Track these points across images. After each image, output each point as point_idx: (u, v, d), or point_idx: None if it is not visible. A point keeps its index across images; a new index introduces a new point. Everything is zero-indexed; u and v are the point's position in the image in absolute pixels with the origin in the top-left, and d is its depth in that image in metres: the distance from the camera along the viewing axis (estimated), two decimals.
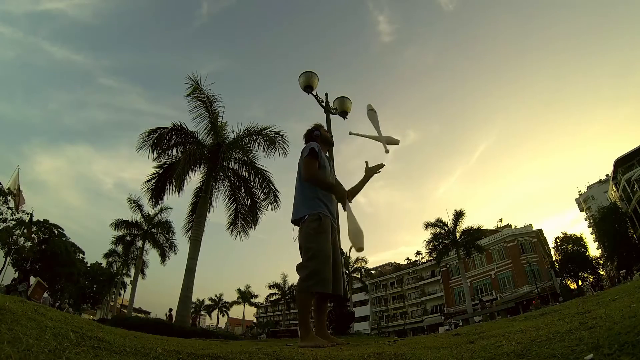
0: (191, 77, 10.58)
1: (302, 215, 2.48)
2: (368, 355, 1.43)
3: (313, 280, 2.25)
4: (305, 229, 2.42)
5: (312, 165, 2.54)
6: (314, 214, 2.45)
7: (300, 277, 2.32)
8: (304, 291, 2.29)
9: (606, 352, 0.78)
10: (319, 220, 2.43)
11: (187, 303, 9.75)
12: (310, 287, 2.26)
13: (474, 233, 25.58)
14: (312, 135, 2.87)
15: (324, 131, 2.95)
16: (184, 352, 1.25)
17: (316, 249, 2.33)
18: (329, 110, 7.26)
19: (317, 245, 2.35)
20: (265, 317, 59.73)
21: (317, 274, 2.26)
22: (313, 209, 2.46)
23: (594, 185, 48.20)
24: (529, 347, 1.06)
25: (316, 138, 2.82)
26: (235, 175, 12.07)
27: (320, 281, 2.25)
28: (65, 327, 1.26)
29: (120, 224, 22.85)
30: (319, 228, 2.40)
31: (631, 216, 30.84)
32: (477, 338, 1.67)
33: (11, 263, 20.91)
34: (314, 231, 2.39)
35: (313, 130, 2.91)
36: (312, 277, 2.26)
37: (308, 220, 2.43)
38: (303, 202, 2.53)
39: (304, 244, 2.40)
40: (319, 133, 2.87)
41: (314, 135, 2.86)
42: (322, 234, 2.40)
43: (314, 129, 2.92)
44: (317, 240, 2.36)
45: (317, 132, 2.87)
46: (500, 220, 44.12)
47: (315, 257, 2.31)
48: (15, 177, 20.33)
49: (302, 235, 2.44)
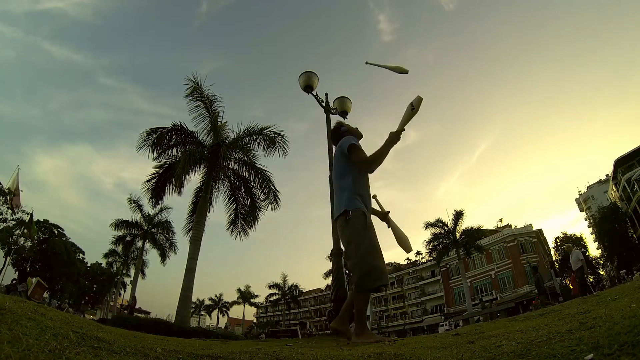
0: (191, 78, 10.61)
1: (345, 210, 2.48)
2: (368, 355, 1.43)
3: (374, 276, 2.28)
4: (353, 224, 2.42)
5: (361, 153, 2.59)
6: (357, 210, 2.46)
7: (361, 274, 2.30)
8: (367, 289, 2.31)
9: (606, 352, 0.78)
10: (364, 216, 2.46)
11: (187, 303, 9.75)
12: (371, 283, 2.28)
13: (474, 233, 25.60)
14: (340, 131, 2.94)
15: (349, 126, 3.01)
16: (184, 352, 1.25)
17: (368, 243, 2.36)
18: (329, 110, 7.25)
19: (369, 239, 2.38)
20: (265, 317, 59.69)
21: (377, 268, 2.30)
22: (356, 205, 2.48)
23: (594, 185, 48.18)
24: (529, 347, 1.06)
25: (344, 133, 2.88)
26: (235, 175, 12.07)
27: (380, 275, 2.30)
28: (65, 327, 1.26)
29: (120, 224, 22.85)
30: (366, 223, 2.44)
31: (631, 216, 30.84)
32: (477, 338, 1.67)
33: (11, 263, 20.91)
34: (362, 226, 2.41)
35: (339, 127, 2.99)
36: (373, 273, 2.28)
37: (354, 215, 2.44)
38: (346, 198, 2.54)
39: (354, 238, 2.40)
40: (346, 128, 2.94)
41: (342, 131, 2.93)
42: (370, 228, 2.45)
43: (339, 126, 3.00)
44: (367, 235, 2.40)
45: (344, 128, 2.95)
46: (500, 220, 44.20)
47: (369, 254, 2.34)
48: (15, 177, 20.34)
49: (350, 230, 2.43)
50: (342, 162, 2.67)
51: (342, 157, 2.67)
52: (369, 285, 2.29)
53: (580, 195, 51.38)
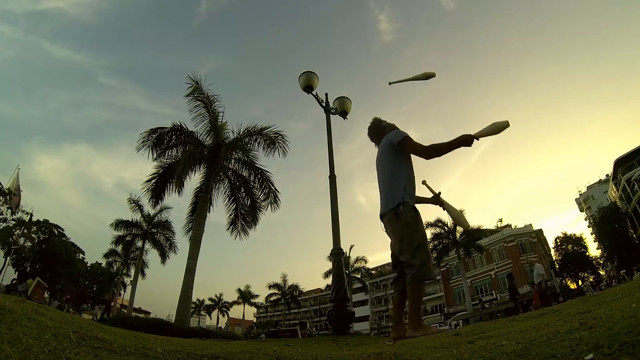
0: (191, 77, 10.59)
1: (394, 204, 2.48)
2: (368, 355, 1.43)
3: (428, 268, 2.30)
4: (404, 218, 2.43)
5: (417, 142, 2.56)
6: (407, 204, 2.46)
7: (420, 265, 2.30)
8: (422, 280, 2.32)
9: (606, 352, 0.78)
10: (415, 210, 2.49)
11: (187, 303, 9.73)
12: (427, 275, 2.30)
13: (473, 233, 25.56)
14: (381, 127, 2.93)
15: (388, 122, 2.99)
16: (184, 352, 1.25)
17: (421, 237, 2.40)
18: (329, 110, 7.25)
19: (422, 234, 2.42)
20: (265, 317, 59.70)
21: (429, 262, 2.34)
22: (405, 199, 2.47)
23: (594, 185, 48.18)
24: (529, 347, 1.06)
25: (386, 128, 2.88)
26: (235, 175, 12.06)
27: (431, 270, 2.33)
28: (65, 327, 1.26)
29: (120, 224, 22.83)
30: (417, 217, 2.47)
31: (631, 216, 30.84)
32: (477, 338, 1.67)
33: (11, 263, 20.90)
34: (414, 220, 2.43)
35: (380, 123, 2.98)
36: (427, 265, 2.31)
37: (404, 210, 2.44)
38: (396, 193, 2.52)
39: (407, 232, 2.40)
40: (386, 124, 2.94)
41: (383, 126, 2.93)
42: (421, 222, 2.48)
43: (379, 122, 2.99)
44: (420, 229, 2.42)
45: (385, 123, 2.94)
46: (500, 220, 44.19)
47: (424, 246, 2.37)
48: (15, 177, 20.33)
49: (402, 224, 2.43)
50: (391, 156, 2.64)
51: (391, 151, 2.63)
52: (428, 275, 2.30)
53: (580, 195, 51.38)
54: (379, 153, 2.79)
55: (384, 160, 2.68)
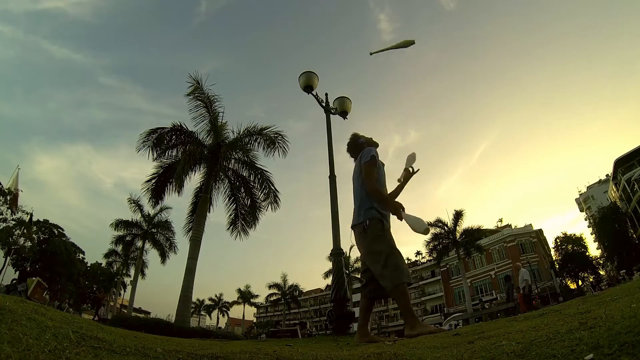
0: (192, 77, 10.59)
1: (362, 221, 2.66)
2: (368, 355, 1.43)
3: (401, 272, 2.43)
4: (371, 232, 2.60)
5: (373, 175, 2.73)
6: (374, 218, 2.63)
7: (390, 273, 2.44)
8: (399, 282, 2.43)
9: (606, 352, 0.78)
10: (381, 223, 2.63)
11: (187, 303, 9.74)
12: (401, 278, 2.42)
13: (474, 233, 25.57)
14: (358, 142, 3.05)
15: (366, 137, 3.12)
16: (184, 352, 1.25)
17: (390, 246, 2.54)
18: (329, 110, 7.25)
19: (389, 243, 2.56)
20: (265, 317, 59.69)
21: (401, 266, 2.46)
22: (373, 214, 2.65)
23: (594, 185, 48.20)
24: (529, 347, 1.06)
25: (363, 145, 2.99)
26: (235, 175, 12.06)
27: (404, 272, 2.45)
28: (65, 327, 1.26)
29: (120, 224, 22.86)
30: (383, 229, 2.62)
31: (631, 216, 30.85)
32: (477, 338, 1.67)
33: (11, 263, 20.89)
34: (381, 231, 2.60)
35: (357, 139, 3.09)
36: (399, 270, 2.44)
37: (371, 224, 2.61)
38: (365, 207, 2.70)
39: (374, 247, 2.56)
40: (364, 140, 3.05)
41: (360, 142, 3.04)
42: (387, 232, 2.63)
43: (357, 138, 3.11)
44: (386, 240, 2.57)
45: (362, 140, 3.05)
46: (500, 220, 44.22)
47: (392, 253, 2.50)
48: (15, 177, 20.32)
49: (370, 238, 2.60)
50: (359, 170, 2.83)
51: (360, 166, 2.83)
52: (402, 277, 2.42)
53: (580, 195, 51.39)
54: (355, 167, 2.96)
55: (357, 175, 2.85)
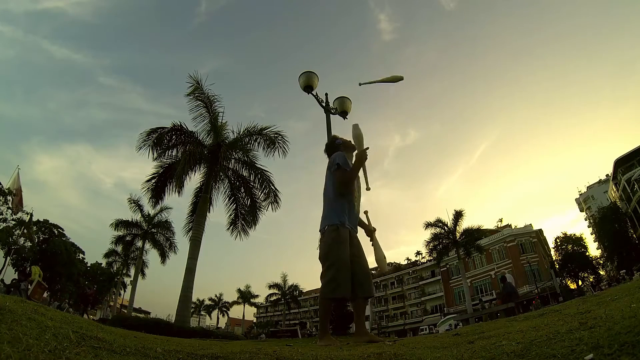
0: (192, 77, 10.60)
1: (323, 226, 2.68)
2: (368, 355, 1.43)
3: (330, 287, 2.43)
4: (326, 238, 2.61)
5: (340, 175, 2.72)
6: (333, 225, 2.62)
7: (323, 284, 2.50)
8: (323, 298, 2.50)
9: (606, 352, 0.78)
10: (337, 231, 2.60)
11: (187, 303, 9.74)
12: (328, 294, 2.45)
13: (473, 233, 25.55)
14: (335, 144, 3.06)
15: (344, 139, 3.12)
16: (184, 352, 1.25)
17: (335, 257, 2.51)
18: (329, 110, 7.24)
19: (336, 253, 2.52)
20: (265, 317, 59.68)
21: (335, 280, 2.43)
22: (332, 221, 2.64)
23: (594, 185, 48.21)
24: (529, 347, 1.06)
25: (338, 147, 3.00)
26: (235, 175, 12.06)
27: (336, 287, 2.42)
28: (65, 327, 1.26)
29: (120, 224, 22.84)
30: (337, 237, 2.58)
31: (631, 216, 30.84)
32: (477, 338, 1.67)
33: (11, 263, 20.89)
34: (333, 240, 2.57)
35: (334, 141, 3.12)
36: (330, 284, 2.43)
37: (328, 230, 2.62)
38: (326, 214, 2.72)
39: (324, 253, 2.58)
40: (340, 142, 3.05)
41: (336, 144, 3.05)
42: (340, 243, 2.56)
43: (334, 140, 3.13)
44: (336, 249, 2.53)
45: (339, 141, 3.06)
46: (500, 220, 44.21)
47: (334, 265, 2.48)
48: (16, 177, 20.31)
49: (322, 244, 2.63)
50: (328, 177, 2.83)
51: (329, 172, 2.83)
52: (328, 294, 2.45)
53: (580, 195, 51.40)
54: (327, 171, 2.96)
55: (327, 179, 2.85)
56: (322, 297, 2.52)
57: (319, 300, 2.58)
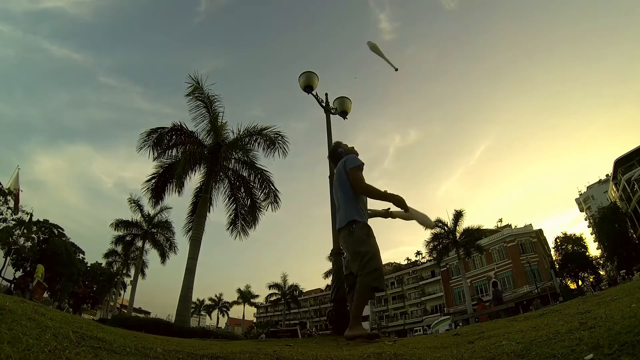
0: (192, 77, 10.59)
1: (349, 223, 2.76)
2: (368, 355, 1.43)
3: (375, 276, 2.55)
4: (357, 235, 2.71)
5: (362, 177, 2.85)
6: (361, 222, 2.76)
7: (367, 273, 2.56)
8: (367, 286, 2.58)
9: (606, 352, 0.78)
10: (367, 227, 2.78)
11: (187, 303, 9.74)
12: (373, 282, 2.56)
13: (473, 233, 25.56)
14: (337, 152, 3.20)
15: (346, 146, 3.28)
16: (184, 352, 1.25)
17: (374, 251, 2.66)
18: (329, 110, 7.24)
19: (374, 247, 2.68)
20: (265, 317, 59.71)
21: (378, 270, 2.59)
22: (360, 218, 2.78)
23: (594, 185, 48.23)
24: (529, 347, 1.06)
25: (342, 154, 3.13)
26: (235, 175, 12.06)
27: (380, 277, 2.59)
28: (65, 327, 1.26)
29: (120, 224, 22.86)
30: (370, 232, 2.76)
31: (631, 216, 30.85)
32: (477, 338, 1.67)
33: (11, 263, 20.90)
34: (367, 235, 2.72)
35: (337, 148, 3.27)
36: (375, 274, 2.56)
37: (357, 227, 2.73)
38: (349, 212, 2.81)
39: (358, 248, 2.66)
40: (343, 149, 3.20)
41: (339, 152, 3.19)
42: (373, 237, 2.75)
43: (337, 147, 3.28)
44: (372, 244, 2.69)
45: (341, 149, 3.21)
46: (500, 220, 44.21)
47: (375, 256, 2.63)
48: (16, 177, 20.32)
49: (354, 240, 2.71)
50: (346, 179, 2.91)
51: (346, 174, 2.92)
52: (374, 283, 2.55)
53: (580, 195, 51.43)
54: (336, 173, 3.08)
55: (340, 180, 2.96)
56: (365, 285, 2.56)
57: (361, 290, 2.58)
